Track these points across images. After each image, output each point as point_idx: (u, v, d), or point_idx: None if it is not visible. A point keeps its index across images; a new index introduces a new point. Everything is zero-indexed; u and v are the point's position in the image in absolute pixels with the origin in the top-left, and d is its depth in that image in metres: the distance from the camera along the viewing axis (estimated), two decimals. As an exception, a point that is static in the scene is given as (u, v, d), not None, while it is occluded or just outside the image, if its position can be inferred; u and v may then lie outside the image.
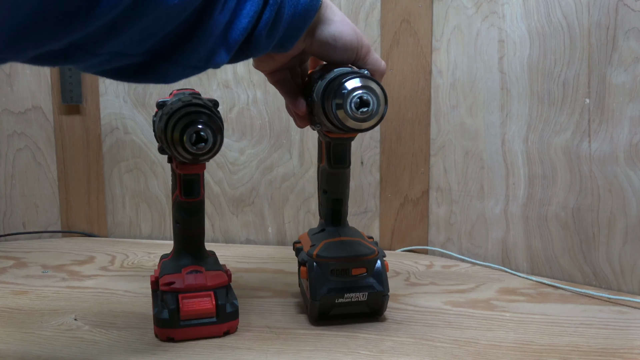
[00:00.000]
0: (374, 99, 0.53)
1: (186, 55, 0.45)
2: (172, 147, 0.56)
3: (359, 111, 0.53)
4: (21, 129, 0.99)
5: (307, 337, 0.63)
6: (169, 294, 0.61)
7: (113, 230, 1.03)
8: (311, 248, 0.66)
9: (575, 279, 0.79)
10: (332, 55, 0.55)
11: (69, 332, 0.64)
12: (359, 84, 0.53)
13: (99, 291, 0.77)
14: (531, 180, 0.82)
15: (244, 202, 0.99)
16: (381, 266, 0.65)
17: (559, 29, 0.77)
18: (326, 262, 0.64)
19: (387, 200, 0.95)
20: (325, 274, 0.64)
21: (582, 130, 0.76)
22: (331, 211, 0.70)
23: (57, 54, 0.39)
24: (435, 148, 0.91)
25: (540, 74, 0.79)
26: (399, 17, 0.90)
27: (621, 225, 0.75)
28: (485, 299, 0.74)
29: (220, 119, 0.58)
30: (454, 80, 0.88)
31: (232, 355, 0.59)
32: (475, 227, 0.89)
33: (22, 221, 1.02)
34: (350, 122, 0.53)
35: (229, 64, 0.50)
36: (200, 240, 0.67)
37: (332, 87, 0.53)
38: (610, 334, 0.63)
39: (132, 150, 1.00)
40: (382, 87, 0.53)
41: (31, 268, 0.86)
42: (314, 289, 0.63)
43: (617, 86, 0.73)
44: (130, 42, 0.41)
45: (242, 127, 0.97)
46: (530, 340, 0.62)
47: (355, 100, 0.52)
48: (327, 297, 0.63)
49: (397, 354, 0.59)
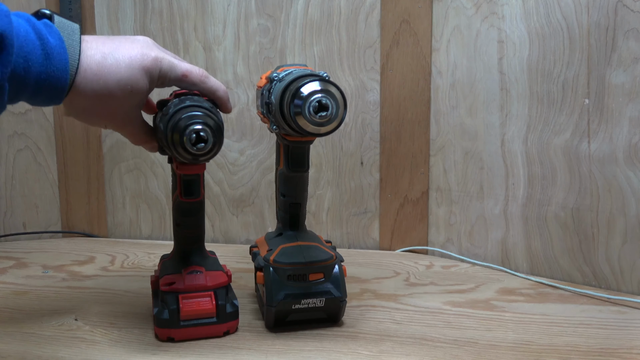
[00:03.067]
0: (333, 103, 0.52)
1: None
2: (172, 148, 0.56)
3: (318, 115, 0.52)
4: (21, 130, 0.99)
5: (308, 337, 0.63)
6: (169, 294, 0.61)
7: (113, 231, 1.03)
8: (268, 253, 0.65)
9: (575, 279, 0.79)
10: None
11: (69, 332, 0.64)
12: (318, 87, 0.52)
13: (99, 291, 0.77)
14: (531, 181, 0.82)
15: (244, 203, 0.99)
16: (339, 271, 0.64)
17: (558, 29, 0.77)
18: (283, 267, 0.63)
19: (387, 200, 0.95)
20: (282, 279, 0.62)
21: (581, 130, 0.76)
22: (289, 215, 0.69)
23: None
24: (435, 148, 0.92)
25: (540, 74, 0.79)
26: (398, 18, 0.90)
27: (620, 225, 0.75)
28: (485, 299, 0.74)
29: (220, 119, 0.58)
30: (453, 80, 0.88)
31: (232, 355, 0.59)
32: (475, 228, 0.89)
33: (22, 221, 1.02)
34: (309, 126, 0.53)
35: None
36: (201, 241, 0.67)
37: (290, 90, 0.53)
38: (610, 334, 0.63)
39: (132, 151, 1.01)
40: (341, 91, 0.53)
41: (31, 268, 0.86)
42: (270, 294, 0.62)
43: (616, 87, 0.73)
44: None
45: (242, 128, 0.97)
46: (530, 340, 0.62)
47: (314, 104, 0.52)
48: (284, 303, 0.62)
49: (397, 354, 0.59)
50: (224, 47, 0.95)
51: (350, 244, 0.97)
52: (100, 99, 0.52)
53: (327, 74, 0.55)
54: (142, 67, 0.53)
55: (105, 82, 0.52)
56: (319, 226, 0.97)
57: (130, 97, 0.54)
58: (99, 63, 0.51)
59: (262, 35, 0.94)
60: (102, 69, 0.51)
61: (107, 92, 0.52)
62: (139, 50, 0.54)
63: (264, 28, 0.94)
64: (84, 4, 0.95)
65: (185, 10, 0.95)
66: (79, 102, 0.52)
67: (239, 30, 0.94)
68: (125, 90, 0.53)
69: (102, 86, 0.52)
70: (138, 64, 0.53)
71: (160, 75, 0.55)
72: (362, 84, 0.92)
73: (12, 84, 0.46)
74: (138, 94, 0.54)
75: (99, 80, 0.51)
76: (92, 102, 0.52)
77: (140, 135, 0.59)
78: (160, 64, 0.55)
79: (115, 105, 0.54)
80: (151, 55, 0.54)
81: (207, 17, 0.95)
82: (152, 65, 0.54)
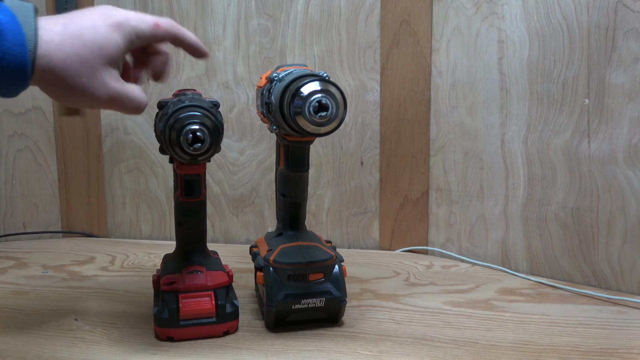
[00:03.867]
0: (333, 103, 0.52)
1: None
2: (170, 148, 0.56)
3: (318, 115, 0.52)
4: (21, 130, 0.99)
5: (308, 337, 0.63)
6: (169, 293, 0.61)
7: (113, 231, 1.03)
8: (268, 253, 0.65)
9: (575, 279, 0.79)
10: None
11: (69, 332, 0.64)
12: (318, 87, 0.52)
13: (99, 291, 0.77)
14: (531, 181, 0.82)
15: (244, 203, 0.99)
16: (339, 271, 0.64)
17: (558, 29, 0.77)
18: (283, 267, 0.63)
19: (387, 200, 0.95)
20: (282, 279, 0.62)
21: (581, 130, 0.76)
22: (289, 215, 0.69)
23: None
24: (435, 148, 0.92)
25: (540, 74, 0.79)
26: (398, 18, 0.90)
27: (620, 225, 0.75)
28: (485, 299, 0.74)
29: (220, 119, 0.58)
30: (453, 80, 0.88)
31: (232, 355, 0.59)
32: (474, 228, 0.89)
33: (22, 221, 1.02)
34: (309, 126, 0.52)
35: None
36: (202, 240, 0.67)
37: (290, 90, 0.53)
38: (610, 334, 0.63)
39: (132, 151, 1.01)
40: (341, 91, 0.53)
41: (31, 268, 0.86)
42: (270, 294, 0.62)
43: (616, 87, 0.73)
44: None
45: (242, 128, 0.97)
46: (530, 340, 0.62)
47: (314, 104, 0.52)
48: (284, 303, 0.62)
49: (397, 354, 0.59)
50: (224, 47, 0.95)
51: (350, 244, 0.97)
52: (71, 68, 0.48)
53: (327, 74, 0.55)
54: (107, 26, 0.50)
55: (72, 48, 0.48)
56: (319, 226, 0.97)
57: (101, 56, 0.50)
58: (61, 33, 0.48)
59: (262, 35, 0.94)
60: (64, 38, 0.48)
61: (76, 58, 0.48)
62: (101, 12, 0.51)
63: (264, 28, 0.94)
64: (83, 4, 0.95)
65: (185, 10, 0.95)
66: (50, 78, 0.48)
67: (239, 30, 0.94)
68: (94, 50, 0.49)
69: (67, 54, 0.48)
70: (102, 24, 0.50)
71: (131, 30, 0.51)
72: (362, 84, 0.92)
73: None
74: (109, 50, 0.50)
75: (64, 49, 0.48)
76: (62, 74, 0.48)
77: (133, 96, 0.53)
78: (128, 20, 0.52)
79: (90, 71, 0.49)
80: (115, 14, 0.51)
81: (207, 17, 0.95)
82: (119, 22, 0.51)
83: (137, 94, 0.53)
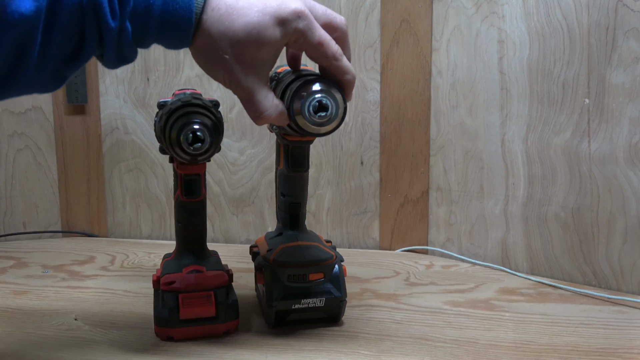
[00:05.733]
0: (333, 103, 0.52)
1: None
2: (170, 147, 0.56)
3: (318, 115, 0.52)
4: (21, 129, 0.99)
5: (308, 337, 0.63)
6: (169, 293, 0.61)
7: (113, 231, 1.03)
8: (268, 252, 0.65)
9: (575, 278, 0.79)
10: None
11: (69, 332, 0.64)
12: (318, 87, 0.52)
13: (99, 291, 0.77)
14: (531, 181, 0.82)
15: (244, 202, 0.99)
16: (339, 271, 0.64)
17: (558, 29, 0.77)
18: (283, 267, 0.63)
19: (387, 200, 0.95)
20: (282, 279, 0.62)
21: (581, 130, 0.76)
22: (289, 215, 0.69)
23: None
24: (435, 148, 0.92)
25: (540, 74, 0.79)
26: (398, 18, 0.90)
27: (621, 225, 0.75)
28: (485, 299, 0.74)
29: (219, 119, 0.58)
30: (453, 80, 0.88)
31: (232, 355, 0.59)
32: (475, 227, 0.89)
33: (22, 221, 1.02)
34: (309, 126, 0.52)
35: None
36: (202, 240, 0.67)
37: (290, 89, 0.53)
38: (610, 334, 0.63)
39: (133, 151, 1.01)
40: (341, 91, 0.53)
41: (31, 268, 0.86)
42: (270, 294, 0.62)
43: (616, 86, 0.73)
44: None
45: (242, 127, 0.97)
46: (530, 340, 0.62)
47: (314, 103, 0.52)
48: (284, 303, 0.62)
49: (397, 354, 0.59)
50: (224, 47, 0.95)
51: (350, 243, 0.97)
52: (223, 41, 0.47)
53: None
54: (276, 16, 0.48)
55: (232, 23, 0.47)
56: (319, 226, 0.97)
57: (256, 44, 0.48)
58: (229, 5, 0.48)
59: (262, 35, 0.94)
60: (230, 11, 0.47)
61: (231, 34, 0.47)
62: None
63: (264, 28, 0.94)
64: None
65: (185, 10, 0.95)
66: (203, 44, 0.48)
67: (239, 30, 0.94)
68: (251, 35, 0.47)
69: (227, 27, 0.47)
70: (272, 11, 0.48)
71: (295, 32, 0.49)
72: (362, 84, 0.92)
73: (135, 24, 0.45)
74: (266, 43, 0.48)
75: (225, 22, 0.47)
76: (215, 45, 0.48)
77: (260, 99, 0.51)
78: (298, 20, 0.49)
79: (237, 51, 0.48)
80: (290, 6, 0.48)
81: (207, 16, 0.95)
82: (289, 17, 0.48)
83: (265, 103, 0.51)
